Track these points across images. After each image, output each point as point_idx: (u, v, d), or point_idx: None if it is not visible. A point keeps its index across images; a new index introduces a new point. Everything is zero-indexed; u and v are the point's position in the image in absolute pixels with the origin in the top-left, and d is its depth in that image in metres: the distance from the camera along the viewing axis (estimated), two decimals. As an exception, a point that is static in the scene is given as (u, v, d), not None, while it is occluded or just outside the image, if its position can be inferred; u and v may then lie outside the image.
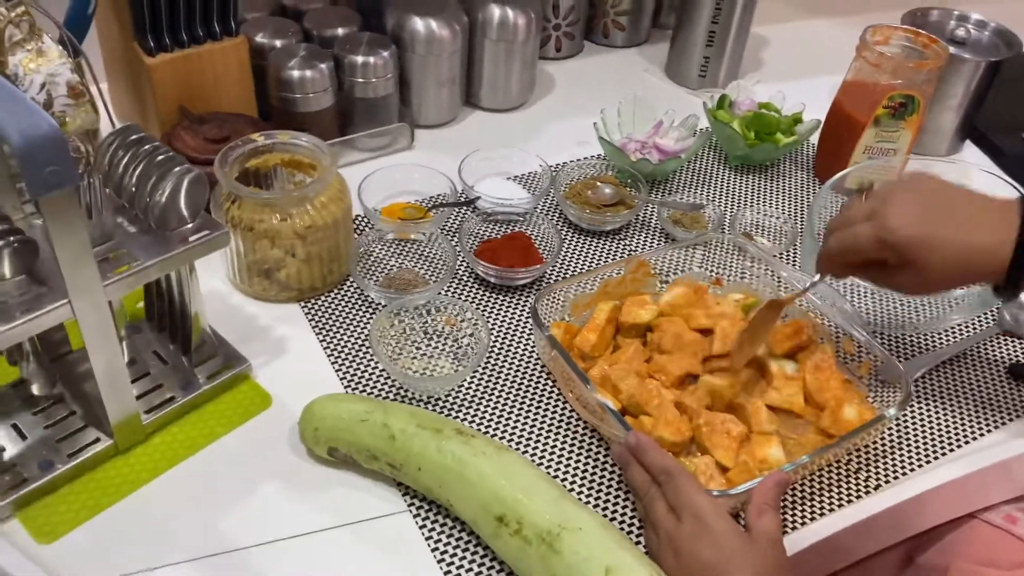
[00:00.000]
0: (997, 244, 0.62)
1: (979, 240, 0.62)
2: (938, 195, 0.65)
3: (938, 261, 0.62)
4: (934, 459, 0.75)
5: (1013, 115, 1.24)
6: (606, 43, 1.33)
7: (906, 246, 0.63)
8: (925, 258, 0.63)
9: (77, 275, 0.57)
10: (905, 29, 1.01)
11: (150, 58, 0.88)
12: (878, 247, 0.64)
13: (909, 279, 0.64)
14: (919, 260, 0.63)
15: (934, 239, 0.62)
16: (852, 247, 0.66)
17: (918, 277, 0.64)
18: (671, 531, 0.60)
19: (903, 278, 0.65)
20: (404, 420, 0.66)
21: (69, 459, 0.66)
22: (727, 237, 0.87)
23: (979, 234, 0.62)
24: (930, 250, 0.62)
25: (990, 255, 0.62)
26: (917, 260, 0.63)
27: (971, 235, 0.63)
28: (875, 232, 0.64)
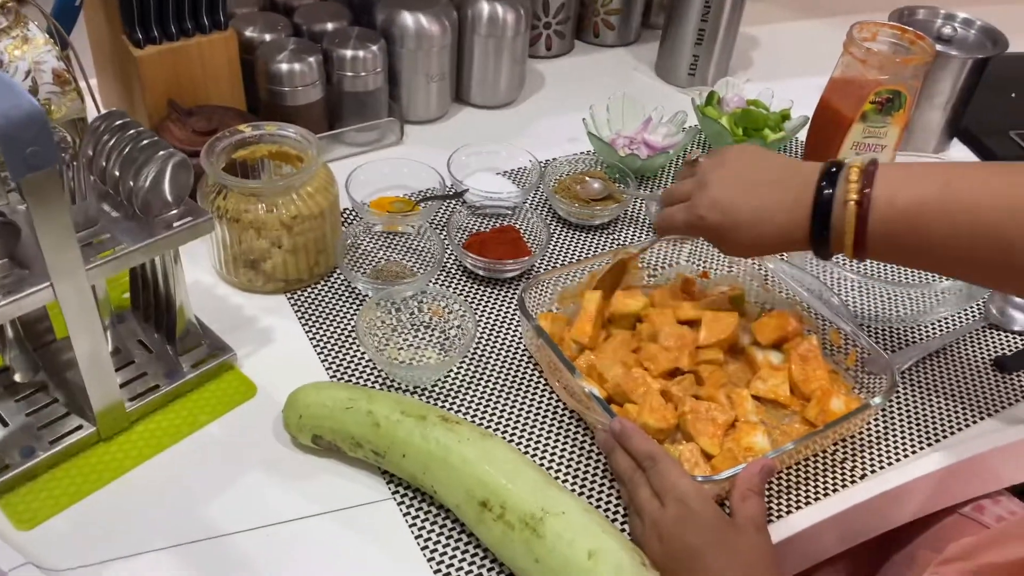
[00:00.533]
0: (794, 223, 0.66)
1: (778, 222, 0.66)
2: (749, 175, 0.69)
3: (740, 243, 0.68)
4: (919, 449, 0.75)
5: (1001, 115, 1.24)
6: (596, 42, 1.34)
7: (712, 232, 0.69)
8: (729, 239, 0.69)
9: (59, 258, 0.57)
10: (892, 26, 1.01)
11: (138, 50, 0.88)
12: (690, 230, 0.71)
13: (723, 249, 0.71)
14: (724, 243, 0.69)
15: (738, 225, 0.67)
16: (671, 227, 0.73)
17: (728, 250, 0.71)
18: (655, 516, 0.59)
19: (720, 246, 0.71)
20: (389, 407, 0.66)
21: (51, 446, 0.66)
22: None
23: (779, 214, 0.66)
24: (734, 231, 0.68)
25: (788, 235, 0.66)
26: (722, 243, 0.70)
27: (772, 218, 0.67)
28: (687, 217, 0.70)
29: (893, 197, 0.62)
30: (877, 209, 0.62)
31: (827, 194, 0.64)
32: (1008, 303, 0.89)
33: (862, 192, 0.63)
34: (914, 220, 0.62)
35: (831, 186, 0.64)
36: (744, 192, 0.68)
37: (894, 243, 0.63)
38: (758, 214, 0.67)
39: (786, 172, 0.68)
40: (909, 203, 0.62)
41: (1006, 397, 0.81)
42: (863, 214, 0.63)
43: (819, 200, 0.64)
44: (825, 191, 0.64)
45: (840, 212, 0.64)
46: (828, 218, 0.64)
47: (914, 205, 0.62)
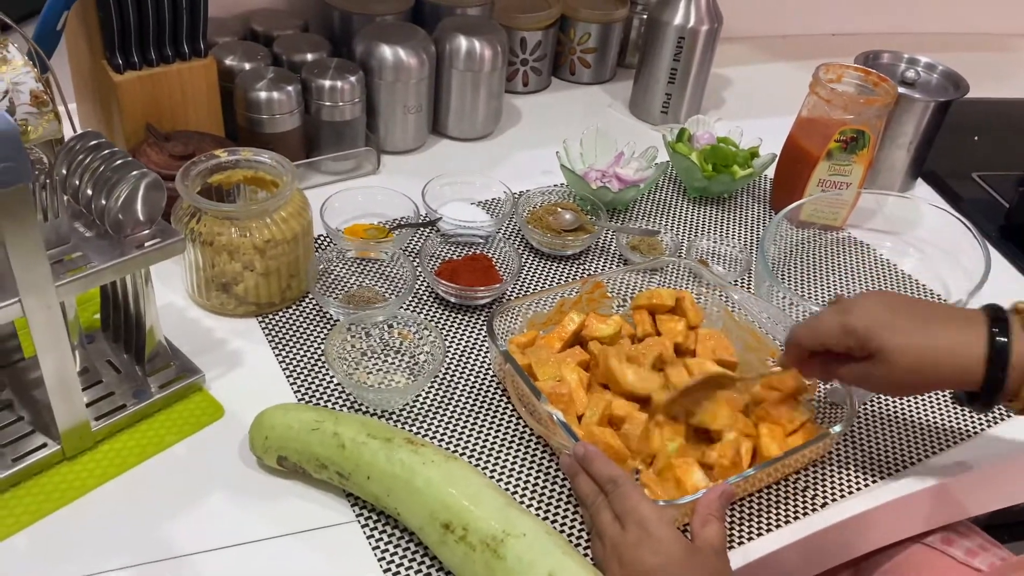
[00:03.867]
0: (963, 344, 0.63)
1: (945, 338, 0.63)
2: (905, 299, 0.67)
3: (900, 350, 0.63)
4: (881, 478, 0.76)
5: (965, 157, 1.28)
6: (573, 79, 1.37)
7: (866, 330, 0.64)
8: (889, 343, 0.63)
9: (29, 274, 0.58)
10: (856, 68, 1.05)
11: (118, 75, 0.89)
12: (840, 332, 0.66)
13: (877, 369, 0.64)
14: (882, 347, 0.63)
15: (895, 327, 0.64)
16: (816, 331, 0.68)
17: (886, 368, 0.64)
18: (615, 539, 0.60)
19: (873, 370, 0.65)
20: (355, 429, 0.66)
21: (13, 463, 0.66)
22: (683, 262, 0.89)
23: (945, 333, 0.63)
24: (891, 337, 0.63)
25: (953, 353, 0.63)
26: (881, 347, 0.63)
27: (937, 333, 0.63)
28: (839, 318, 0.66)
29: None
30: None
31: (1001, 344, 0.62)
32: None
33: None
34: None
35: (1004, 334, 0.62)
36: (902, 308, 0.65)
37: None
38: (922, 330, 0.63)
39: (943, 305, 0.67)
40: None
41: (965, 429, 0.82)
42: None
43: (993, 348, 0.62)
44: (998, 339, 0.62)
45: (1020, 365, 0.61)
46: (1005, 368, 0.62)
47: None
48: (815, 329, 0.68)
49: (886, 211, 1.09)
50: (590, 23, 1.31)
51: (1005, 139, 1.37)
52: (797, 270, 1.01)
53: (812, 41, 1.60)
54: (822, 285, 0.99)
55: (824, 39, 1.62)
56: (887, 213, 1.09)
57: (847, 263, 1.04)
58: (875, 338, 0.64)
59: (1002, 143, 1.35)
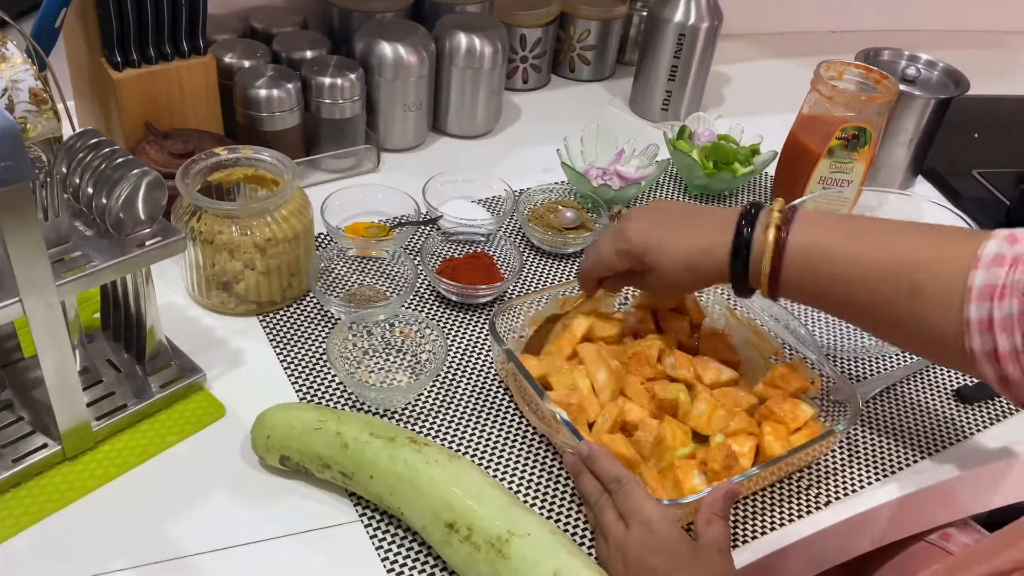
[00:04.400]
0: (714, 245, 0.69)
1: (698, 242, 0.70)
2: (670, 211, 0.74)
3: (667, 262, 0.70)
4: (883, 477, 0.76)
5: (965, 155, 1.28)
6: (572, 77, 1.36)
7: (639, 251, 0.71)
8: (656, 261, 0.71)
9: (29, 273, 0.57)
10: (857, 65, 1.04)
11: (117, 73, 0.89)
12: (620, 257, 0.73)
13: (653, 280, 0.72)
14: (652, 263, 0.71)
15: (662, 244, 0.70)
16: (599, 260, 0.74)
17: (657, 278, 0.71)
18: (620, 538, 0.60)
19: (649, 280, 0.73)
20: (358, 428, 0.66)
21: (14, 464, 0.65)
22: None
23: (699, 238, 0.70)
24: (659, 254, 0.70)
25: (707, 254, 0.69)
26: (651, 264, 0.71)
27: (693, 238, 0.70)
28: (615, 244, 0.73)
29: (806, 243, 0.66)
30: (791, 252, 0.66)
31: (747, 233, 0.68)
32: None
33: (779, 235, 0.66)
34: (817, 266, 0.66)
35: (750, 226, 0.68)
36: (668, 221, 0.72)
37: (801, 287, 0.67)
38: (683, 240, 0.70)
39: (711, 211, 0.74)
40: (816, 249, 0.66)
41: (966, 428, 0.82)
42: (778, 255, 0.66)
43: (739, 238, 0.68)
44: (745, 230, 0.68)
45: (758, 251, 0.67)
46: (747, 255, 0.68)
47: (819, 251, 0.66)
48: (598, 261, 0.75)
49: (887, 209, 1.09)
50: (590, 20, 1.30)
51: (1005, 136, 1.37)
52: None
53: (811, 38, 1.59)
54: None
55: (823, 36, 1.62)
56: (888, 210, 1.08)
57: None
58: (645, 257, 0.71)
59: (1002, 140, 1.35)
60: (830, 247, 0.66)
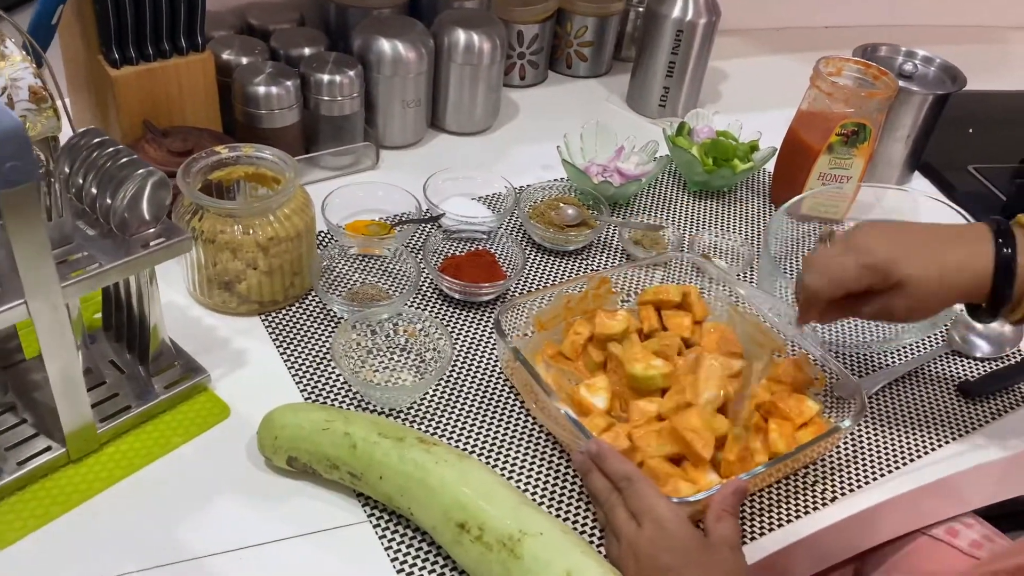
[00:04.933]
0: (971, 256, 0.64)
1: (954, 256, 0.64)
2: (903, 226, 0.68)
3: (921, 276, 0.64)
4: (888, 472, 0.77)
5: (960, 150, 1.29)
6: (569, 73, 1.36)
7: (888, 264, 0.64)
8: (908, 274, 0.64)
9: (34, 275, 0.57)
10: (856, 61, 1.05)
11: (115, 70, 0.88)
12: (861, 273, 0.65)
13: (899, 301, 0.65)
14: (903, 277, 0.64)
15: (912, 255, 0.64)
16: (837, 278, 0.67)
17: (907, 297, 0.64)
18: (631, 536, 0.60)
19: (893, 301, 0.65)
20: (366, 428, 0.66)
21: (18, 467, 0.65)
22: (686, 256, 0.88)
23: (952, 251, 0.64)
24: (910, 266, 0.64)
25: (966, 269, 0.64)
26: (901, 278, 0.64)
27: (943, 252, 0.64)
28: (856, 259, 0.65)
29: None
30: None
31: (1008, 252, 0.63)
32: (970, 330, 0.92)
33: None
34: None
35: (1009, 246, 0.63)
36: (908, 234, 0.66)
37: None
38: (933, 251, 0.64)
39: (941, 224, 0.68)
40: None
41: (970, 422, 0.83)
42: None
43: (1000, 257, 0.63)
44: (1005, 249, 0.63)
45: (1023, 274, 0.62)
46: (1012, 276, 0.63)
47: None
48: (833, 277, 0.67)
49: (885, 204, 1.09)
50: (587, 16, 1.30)
51: (999, 131, 1.38)
52: (799, 264, 1.01)
53: (807, 34, 1.60)
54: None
55: (819, 32, 1.62)
56: (885, 207, 1.09)
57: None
58: (896, 270, 0.64)
59: (996, 135, 1.36)
60: None
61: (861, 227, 0.68)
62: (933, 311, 0.68)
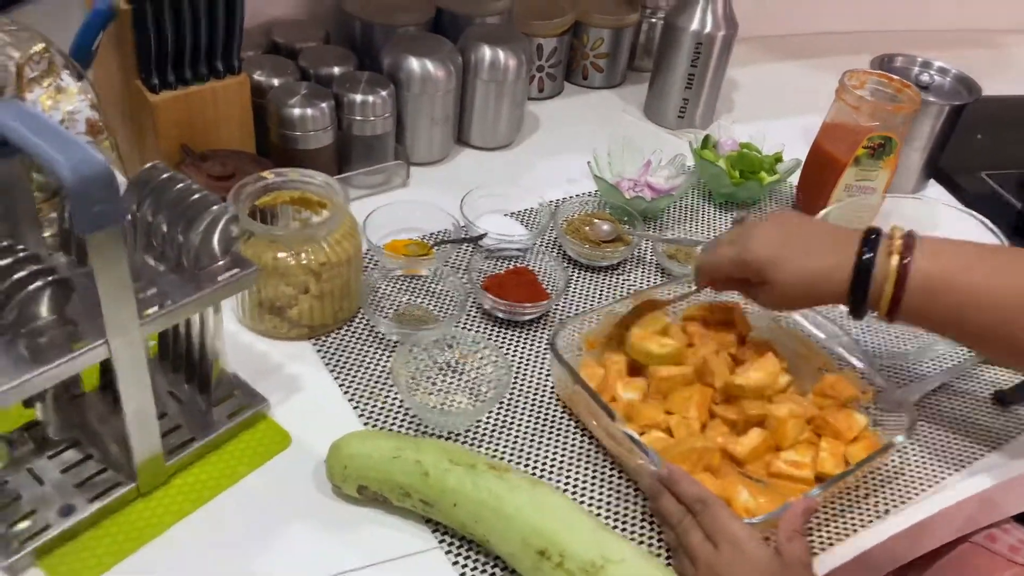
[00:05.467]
0: (833, 267, 0.70)
1: (819, 263, 0.71)
2: (794, 227, 0.75)
3: (785, 279, 0.72)
4: (934, 484, 0.78)
5: (971, 156, 1.31)
6: (585, 84, 1.37)
7: (759, 264, 0.72)
8: (774, 276, 0.72)
9: (117, 314, 0.57)
10: (879, 74, 1.06)
11: (154, 96, 0.87)
12: (737, 266, 0.74)
13: (765, 295, 0.74)
14: (770, 278, 0.72)
15: (781, 260, 0.71)
16: (716, 266, 0.77)
17: (771, 293, 0.73)
18: (709, 559, 0.61)
19: (761, 294, 0.74)
20: (437, 456, 0.66)
21: (90, 504, 0.64)
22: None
23: (821, 258, 0.71)
24: (777, 270, 0.72)
25: (827, 277, 0.71)
26: (769, 278, 0.72)
27: (813, 259, 0.71)
28: (735, 253, 0.74)
29: (928, 270, 0.68)
30: (913, 279, 0.68)
31: (867, 258, 0.69)
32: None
33: (902, 261, 0.68)
34: (939, 293, 0.68)
35: (871, 251, 0.69)
36: (790, 238, 0.73)
37: (923, 312, 0.69)
38: (803, 260, 0.71)
39: (828, 230, 0.74)
40: (938, 277, 0.68)
41: (1006, 431, 0.85)
42: (900, 282, 0.68)
43: (860, 263, 0.69)
44: (865, 255, 0.69)
45: (880, 277, 0.69)
46: (868, 280, 0.69)
47: (941, 279, 0.68)
48: (715, 263, 0.77)
49: (903, 212, 1.11)
50: (603, 28, 1.31)
51: (1007, 136, 1.40)
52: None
53: (811, 40, 1.61)
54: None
55: (822, 37, 1.63)
56: (905, 214, 1.10)
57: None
58: (764, 271, 0.72)
59: (1005, 141, 1.38)
60: (952, 275, 0.68)
61: (755, 224, 0.75)
62: (797, 308, 0.81)
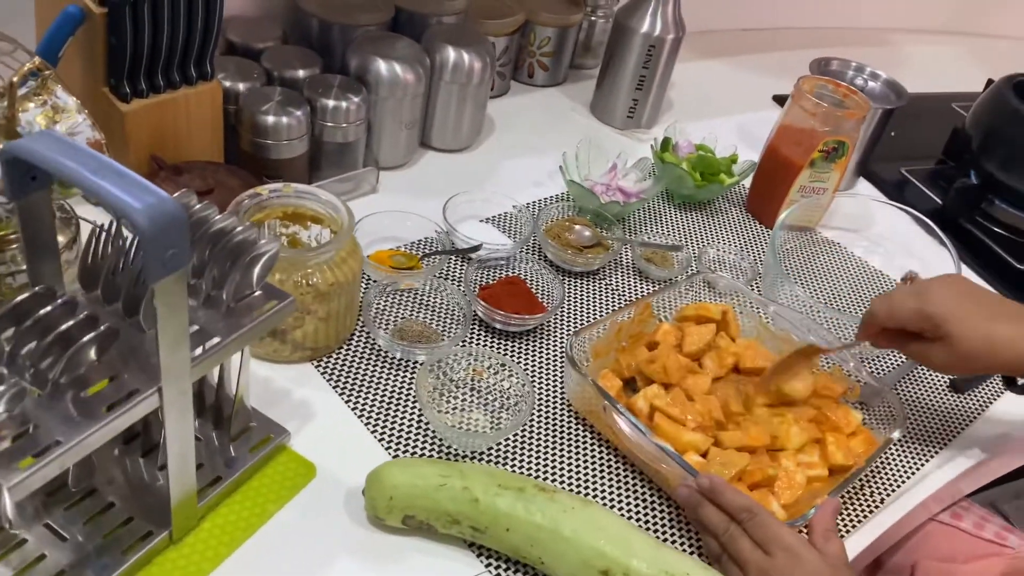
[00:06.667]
0: (1016, 337, 0.72)
1: (1005, 330, 0.72)
2: (974, 289, 0.77)
3: (966, 337, 0.72)
4: (914, 472, 0.85)
5: (894, 152, 1.40)
6: (530, 82, 1.37)
7: (941, 318, 0.72)
8: (955, 332, 0.72)
9: (172, 360, 0.53)
10: (829, 80, 1.12)
11: (125, 105, 0.81)
12: (917, 317, 0.74)
13: (941, 352, 0.73)
14: (950, 333, 0.72)
15: (965, 317, 0.72)
16: (894, 313, 0.76)
17: (949, 351, 0.73)
18: (763, 565, 0.64)
19: (936, 351, 0.74)
20: (484, 482, 0.66)
21: (124, 556, 0.60)
22: (725, 280, 0.92)
23: (1006, 324, 0.73)
24: (960, 325, 0.72)
25: (1011, 345, 0.72)
26: (948, 333, 0.72)
27: (999, 323, 0.73)
28: (918, 303, 0.74)
29: None
30: None
31: None
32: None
33: None
34: None
35: None
36: (972, 299, 0.74)
37: None
38: (987, 321, 0.72)
39: (1005, 299, 0.76)
40: None
41: (965, 416, 0.93)
42: None
43: None
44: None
45: None
46: None
47: None
48: (894, 311, 0.75)
49: (842, 210, 1.18)
50: (548, 27, 1.31)
51: (915, 133, 1.50)
52: (793, 272, 1.08)
53: (729, 37, 1.67)
54: (822, 287, 1.07)
55: (735, 34, 1.69)
56: (839, 211, 1.18)
57: (826, 263, 1.13)
58: (945, 325, 0.72)
59: (914, 136, 1.48)
60: None
61: (940, 279, 0.77)
62: (972, 371, 0.78)
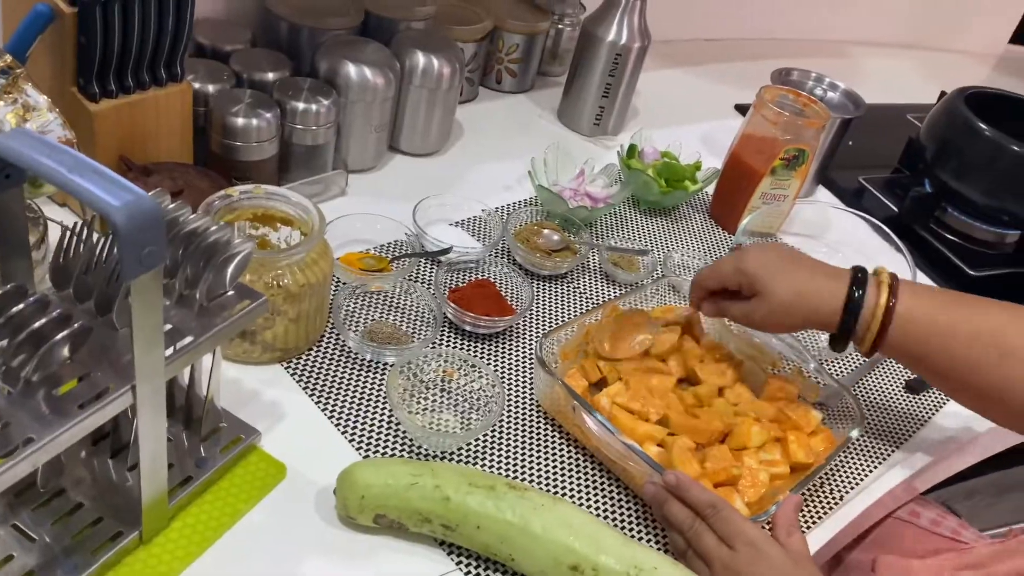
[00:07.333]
0: (826, 291, 0.77)
1: (814, 284, 0.77)
2: (788, 252, 0.82)
3: (777, 291, 0.77)
4: (873, 471, 0.87)
5: (852, 161, 1.44)
6: (498, 88, 1.38)
7: (754, 274, 0.78)
8: (768, 287, 0.77)
9: (147, 358, 0.53)
10: (789, 90, 1.15)
11: (94, 105, 0.81)
12: (734, 272, 0.80)
13: (760, 307, 0.78)
14: (764, 288, 0.77)
15: (778, 273, 0.78)
16: (715, 272, 0.82)
17: (765, 305, 0.78)
18: (727, 560, 0.65)
19: (754, 307, 0.79)
20: (455, 480, 0.67)
21: (94, 556, 0.60)
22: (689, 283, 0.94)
23: (815, 280, 0.78)
24: (771, 280, 0.77)
25: (819, 298, 0.77)
26: (763, 288, 0.77)
27: (809, 279, 0.78)
28: (735, 262, 0.80)
29: (910, 309, 0.75)
30: (897, 317, 0.75)
31: (858, 296, 0.76)
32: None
33: (888, 303, 0.75)
34: (917, 331, 0.75)
35: (861, 288, 0.76)
36: (787, 259, 0.79)
37: (900, 348, 0.77)
38: (798, 275, 0.77)
39: (820, 263, 0.81)
40: (918, 316, 0.75)
41: (921, 415, 0.96)
42: (887, 318, 0.75)
43: (851, 299, 0.76)
44: (856, 292, 0.76)
45: (868, 315, 0.76)
46: (857, 316, 0.76)
47: (921, 318, 0.75)
48: (715, 270, 0.82)
49: (802, 217, 1.21)
50: (516, 34, 1.33)
51: (871, 142, 1.54)
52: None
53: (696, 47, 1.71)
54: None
55: (697, 44, 1.73)
56: (799, 218, 1.21)
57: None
58: (760, 279, 0.78)
59: (871, 146, 1.52)
60: (929, 315, 0.75)
61: (759, 244, 0.83)
62: (787, 327, 0.82)
